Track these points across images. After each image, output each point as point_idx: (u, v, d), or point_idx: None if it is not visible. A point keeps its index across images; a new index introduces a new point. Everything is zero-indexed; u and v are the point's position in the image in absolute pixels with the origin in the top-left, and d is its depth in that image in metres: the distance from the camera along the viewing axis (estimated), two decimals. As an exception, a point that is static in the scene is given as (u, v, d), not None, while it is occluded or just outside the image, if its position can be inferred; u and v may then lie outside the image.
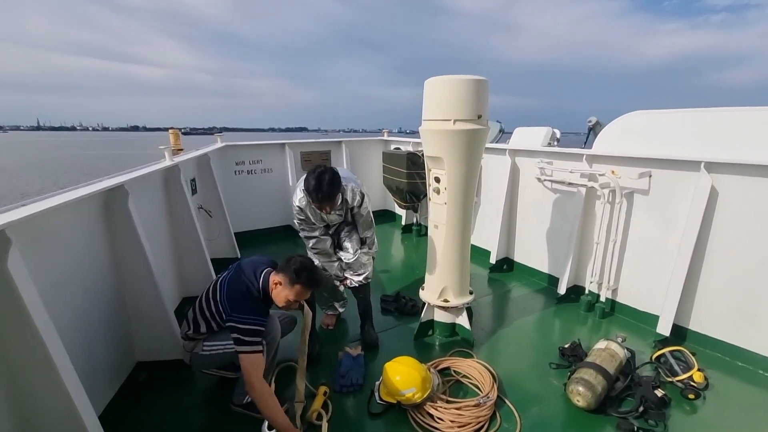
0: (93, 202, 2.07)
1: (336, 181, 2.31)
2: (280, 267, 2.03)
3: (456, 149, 2.32)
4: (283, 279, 1.98)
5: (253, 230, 5.09)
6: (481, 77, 2.24)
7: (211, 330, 2.07)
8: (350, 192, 2.51)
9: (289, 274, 1.97)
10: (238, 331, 1.89)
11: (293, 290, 1.98)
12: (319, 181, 2.26)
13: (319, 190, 2.26)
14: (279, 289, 2.00)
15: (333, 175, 2.31)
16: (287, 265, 1.99)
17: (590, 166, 3.16)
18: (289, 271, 1.97)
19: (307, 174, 2.35)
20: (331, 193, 2.29)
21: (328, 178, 2.27)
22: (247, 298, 1.96)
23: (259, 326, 1.92)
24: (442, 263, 2.65)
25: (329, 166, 2.41)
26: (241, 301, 1.95)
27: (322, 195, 2.28)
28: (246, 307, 1.94)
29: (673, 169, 2.70)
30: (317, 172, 2.30)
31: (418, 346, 2.78)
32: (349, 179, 2.54)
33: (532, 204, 3.81)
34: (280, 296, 2.01)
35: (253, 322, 1.91)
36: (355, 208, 2.59)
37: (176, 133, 4.16)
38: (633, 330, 2.94)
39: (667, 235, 2.79)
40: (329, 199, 2.32)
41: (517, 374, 2.45)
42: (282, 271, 2.00)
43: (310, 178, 2.30)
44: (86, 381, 1.57)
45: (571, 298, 3.38)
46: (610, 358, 2.25)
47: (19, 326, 1.33)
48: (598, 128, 6.31)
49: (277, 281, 2.00)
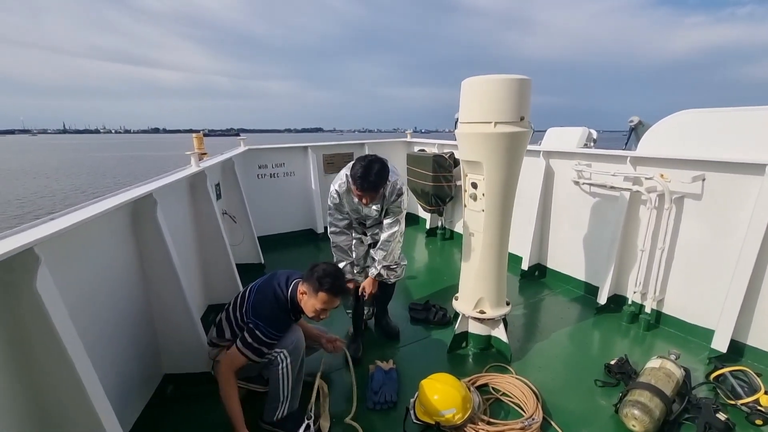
0: (121, 213, 2.02)
1: (384, 173, 2.25)
2: (305, 276, 1.97)
3: (496, 153, 2.18)
4: (308, 288, 1.92)
5: (275, 234, 5.04)
6: (524, 76, 2.09)
7: (235, 336, 2.00)
8: (390, 186, 2.40)
9: (312, 282, 1.90)
10: (248, 331, 1.88)
11: (318, 299, 1.91)
12: (368, 170, 2.19)
13: (365, 178, 2.19)
14: (305, 298, 1.94)
15: (382, 166, 2.25)
16: (311, 274, 1.93)
17: (635, 168, 2.96)
18: (312, 279, 1.91)
19: (356, 160, 2.29)
20: (377, 183, 2.23)
21: (377, 168, 2.21)
22: (271, 306, 1.92)
23: (270, 339, 1.88)
24: (479, 273, 2.51)
25: (380, 157, 2.31)
26: (264, 308, 1.92)
27: (368, 184, 2.20)
28: (265, 315, 1.90)
29: (732, 172, 2.49)
30: (367, 160, 2.24)
31: (451, 359, 2.65)
32: (393, 173, 2.45)
33: (567, 208, 3.62)
34: (308, 306, 1.95)
35: (266, 333, 1.87)
36: (390, 203, 2.48)
37: (200, 137, 4.14)
38: (682, 344, 2.74)
39: (722, 243, 2.58)
40: (374, 190, 2.25)
41: (559, 392, 2.29)
42: (306, 280, 1.94)
43: (357, 165, 2.23)
44: (116, 396, 1.51)
45: (612, 309, 3.19)
46: (666, 379, 2.07)
47: (47, 347, 1.27)
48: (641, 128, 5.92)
49: (303, 291, 1.95)
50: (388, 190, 2.41)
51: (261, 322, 1.88)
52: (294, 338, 1.97)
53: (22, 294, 1.21)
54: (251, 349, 1.88)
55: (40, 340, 1.27)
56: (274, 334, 1.89)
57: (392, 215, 2.51)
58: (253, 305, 1.95)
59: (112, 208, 1.68)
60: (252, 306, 1.95)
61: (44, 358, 1.29)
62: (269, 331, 1.88)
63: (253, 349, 1.88)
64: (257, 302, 1.96)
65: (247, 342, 1.88)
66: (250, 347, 1.88)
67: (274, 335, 1.89)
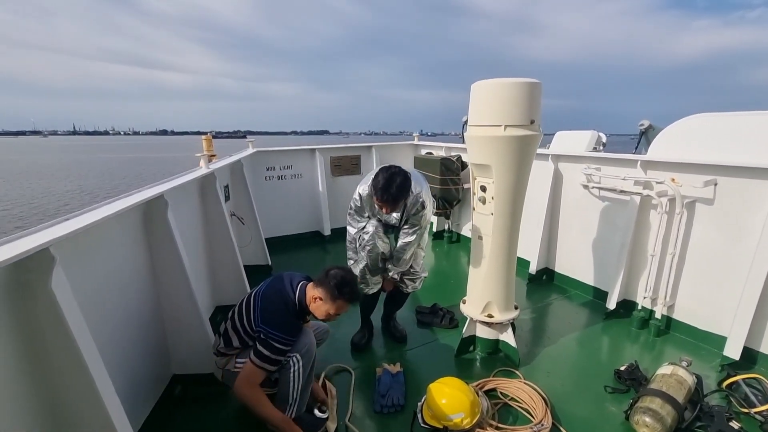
0: (133, 214, 2.03)
1: (406, 186, 2.23)
2: (319, 280, 1.95)
3: (506, 157, 2.17)
4: (324, 294, 1.91)
5: (282, 236, 5.06)
6: (534, 80, 2.09)
7: (244, 344, 1.98)
8: (413, 197, 2.37)
9: (329, 290, 1.90)
10: (261, 342, 1.85)
11: (335, 305, 1.92)
12: (389, 182, 2.18)
13: (387, 191, 2.18)
14: (319, 303, 1.93)
15: (405, 179, 2.22)
16: (327, 279, 1.92)
17: (645, 172, 2.93)
18: (329, 286, 1.90)
19: (379, 170, 2.28)
20: (398, 197, 2.21)
21: (399, 181, 2.19)
22: (280, 312, 1.90)
23: (285, 346, 1.86)
24: (487, 277, 2.50)
25: (403, 168, 2.30)
26: (274, 314, 1.90)
27: (388, 196, 2.19)
28: (276, 322, 1.87)
29: (745, 177, 2.45)
30: (390, 172, 2.22)
31: (459, 363, 2.64)
32: (418, 184, 2.41)
33: (576, 212, 3.60)
34: (321, 310, 1.94)
35: (279, 339, 1.85)
36: (411, 215, 2.44)
37: (209, 138, 4.16)
38: (693, 351, 2.70)
39: (735, 249, 2.55)
40: (393, 202, 2.23)
41: (568, 398, 2.27)
42: (321, 285, 1.92)
43: (380, 176, 2.22)
44: (126, 396, 1.52)
45: (621, 314, 3.16)
46: (678, 386, 2.04)
47: (61, 347, 1.28)
48: (651, 132, 5.82)
49: (316, 296, 1.93)
50: (410, 200, 2.38)
51: (274, 330, 1.85)
52: (306, 342, 1.97)
53: (38, 294, 1.23)
54: (269, 361, 1.84)
55: (54, 339, 1.28)
56: (288, 339, 1.87)
57: (410, 226, 2.46)
58: (262, 312, 1.91)
59: (125, 209, 1.70)
60: (261, 313, 1.91)
61: (58, 357, 1.30)
62: (283, 338, 1.85)
63: (271, 361, 1.85)
64: (266, 309, 1.92)
65: (264, 355, 1.83)
66: (267, 360, 1.84)
67: (288, 341, 1.87)
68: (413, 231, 2.45)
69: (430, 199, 2.51)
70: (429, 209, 2.45)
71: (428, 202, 2.44)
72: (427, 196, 2.43)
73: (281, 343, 1.85)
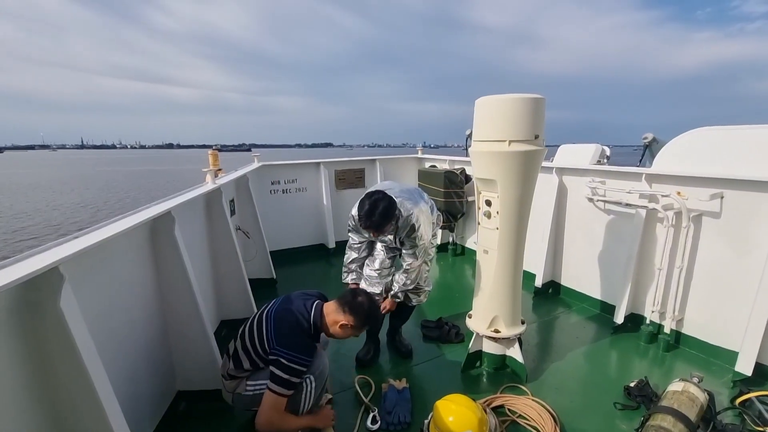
0: (141, 231, 2.05)
1: (389, 213, 2.21)
2: (346, 306, 1.96)
3: (510, 172, 2.18)
4: (353, 321, 1.95)
5: (286, 249, 5.06)
6: (538, 95, 2.10)
7: (255, 366, 1.96)
8: (403, 220, 2.37)
9: (359, 319, 1.96)
10: (279, 366, 1.82)
11: (359, 330, 2.02)
12: (372, 209, 2.19)
13: (369, 218, 2.19)
14: (345, 329, 1.97)
15: (388, 206, 2.21)
16: (356, 307, 1.95)
17: (650, 186, 2.93)
18: (359, 317, 1.96)
19: (365, 195, 2.29)
20: (381, 223, 2.21)
21: (382, 208, 2.19)
22: (296, 333, 1.88)
23: (303, 366, 1.84)
24: (493, 291, 2.48)
25: (387, 194, 2.29)
26: (290, 335, 1.87)
27: (370, 224, 2.21)
28: (294, 344, 1.86)
29: (752, 191, 2.44)
30: (374, 198, 2.22)
31: (465, 378, 2.60)
32: (413, 204, 2.38)
33: (581, 225, 3.58)
34: (342, 333, 1.98)
35: (298, 360, 1.83)
36: (403, 237, 2.44)
37: (215, 153, 4.20)
38: (704, 366, 2.66)
39: (744, 262, 2.52)
40: (376, 228, 2.24)
41: (578, 415, 2.23)
42: (354, 313, 1.95)
43: (365, 201, 2.24)
44: (131, 413, 1.51)
45: (629, 328, 3.12)
46: (690, 403, 2.01)
47: (68, 365, 1.28)
48: (655, 145, 5.82)
49: (342, 322, 1.95)
50: (401, 223, 2.37)
51: (291, 351, 1.83)
52: (321, 364, 1.98)
53: (47, 313, 1.23)
54: (287, 385, 1.83)
55: (61, 357, 1.28)
56: (306, 360, 1.86)
57: (409, 247, 2.46)
58: (277, 333, 1.88)
59: (133, 226, 1.71)
60: (275, 334, 1.88)
61: (64, 375, 1.30)
62: (301, 359, 1.84)
63: (290, 385, 1.83)
64: (280, 330, 1.89)
65: (283, 379, 1.81)
66: (286, 384, 1.82)
67: (306, 362, 1.86)
68: (412, 252, 2.46)
69: (428, 217, 2.46)
70: (424, 229, 2.41)
71: (423, 221, 2.40)
72: (422, 216, 2.40)
73: (299, 364, 1.83)
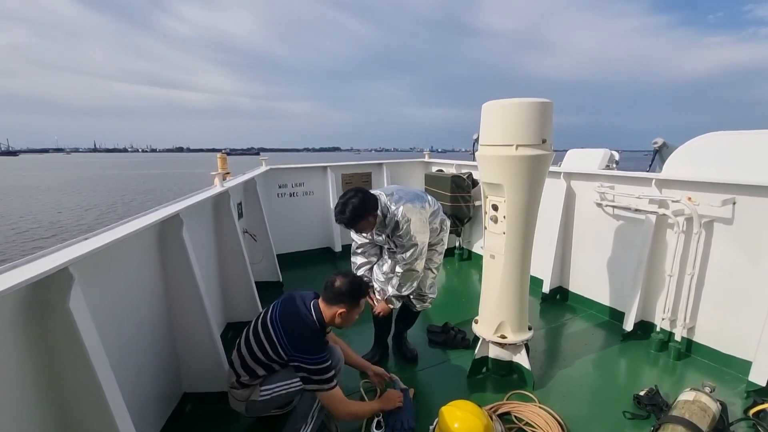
0: (149, 233, 2.07)
1: (361, 209, 2.20)
2: (334, 297, 1.95)
3: (518, 176, 2.17)
4: (346, 306, 1.95)
5: (293, 252, 5.08)
6: (546, 99, 2.10)
7: (270, 370, 1.97)
8: (390, 216, 2.31)
9: (349, 300, 1.95)
10: (307, 372, 1.85)
11: (359, 307, 2.01)
12: (344, 206, 2.20)
13: (341, 213, 2.20)
14: (346, 316, 1.97)
15: (361, 202, 2.20)
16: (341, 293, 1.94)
17: (660, 191, 2.89)
18: (347, 297, 1.94)
19: (342, 194, 2.30)
20: (353, 219, 2.21)
21: (353, 205, 2.18)
22: (307, 335, 1.90)
23: (328, 362, 1.88)
24: (500, 297, 2.46)
25: (365, 190, 2.28)
26: (303, 339, 1.89)
27: (342, 219, 2.22)
28: (309, 346, 1.88)
29: (765, 196, 2.40)
30: (347, 196, 2.23)
31: (471, 384, 2.58)
32: (407, 202, 2.31)
33: (589, 230, 3.55)
34: (349, 320, 2.00)
35: (319, 360, 1.86)
36: (393, 236, 2.38)
37: (224, 157, 4.23)
38: (716, 375, 2.60)
39: (757, 269, 2.47)
40: (349, 225, 2.25)
41: (586, 423, 2.19)
42: (340, 300, 1.95)
43: (340, 200, 2.25)
44: (137, 414, 1.52)
45: (638, 335, 3.07)
46: (702, 413, 1.96)
47: (76, 365, 1.29)
48: (665, 150, 5.74)
49: (339, 311, 1.95)
50: (387, 220, 2.32)
51: (310, 355, 1.86)
52: (336, 360, 2.03)
53: (56, 312, 1.25)
54: (327, 381, 1.87)
55: (69, 356, 1.29)
56: (325, 357, 1.89)
57: (401, 248, 2.39)
58: (290, 342, 1.89)
59: (141, 228, 1.73)
60: (288, 343, 1.89)
61: (72, 375, 1.31)
62: (322, 358, 1.87)
63: (329, 380, 1.88)
64: (291, 336, 1.90)
65: (321, 379, 1.86)
66: (326, 381, 1.87)
67: (326, 358, 1.89)
68: (406, 254, 2.37)
69: (420, 217, 2.34)
70: (413, 228, 2.29)
71: (414, 220, 2.29)
72: (411, 213, 2.29)
73: (323, 362, 1.87)
